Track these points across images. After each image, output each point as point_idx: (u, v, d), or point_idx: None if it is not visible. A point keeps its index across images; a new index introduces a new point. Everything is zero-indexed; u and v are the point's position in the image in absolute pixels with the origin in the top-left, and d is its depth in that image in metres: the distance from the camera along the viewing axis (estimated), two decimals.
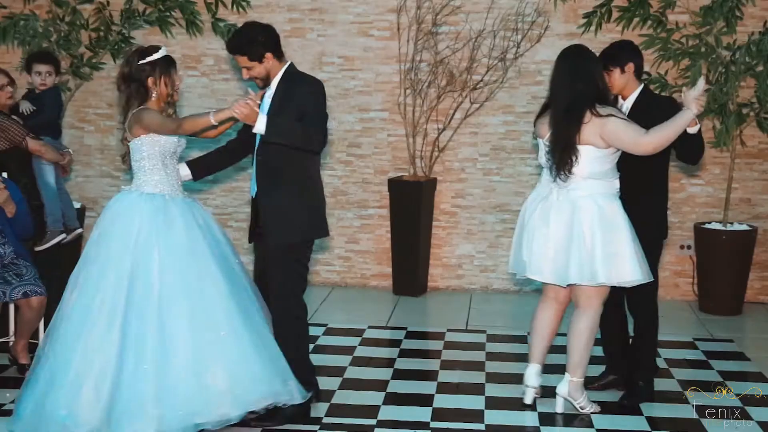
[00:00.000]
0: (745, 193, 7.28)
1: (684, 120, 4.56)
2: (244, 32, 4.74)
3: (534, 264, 4.72)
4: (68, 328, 4.29)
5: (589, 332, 4.76)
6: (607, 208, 4.62)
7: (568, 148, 4.59)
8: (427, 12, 7.27)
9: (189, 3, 7.38)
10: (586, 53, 4.77)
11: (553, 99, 4.73)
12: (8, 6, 7.45)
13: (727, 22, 6.86)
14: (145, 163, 4.53)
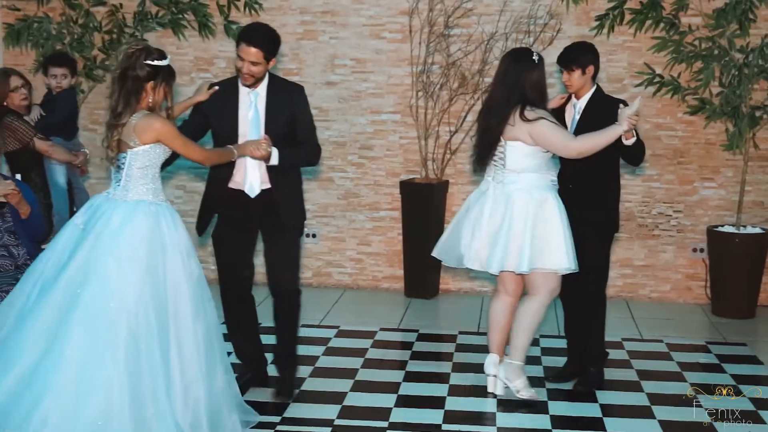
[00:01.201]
0: (758, 195, 7.26)
1: (613, 134, 4.85)
2: (267, 29, 4.80)
3: (469, 253, 4.98)
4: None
5: (531, 316, 4.98)
6: (541, 200, 4.87)
7: (486, 144, 4.93)
8: (439, 14, 7.27)
9: (201, 5, 7.40)
10: (521, 58, 4.96)
11: (485, 99, 5.09)
12: (22, 8, 7.49)
13: (740, 24, 6.84)
14: (148, 171, 4.29)
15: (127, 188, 4.28)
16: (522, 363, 5.02)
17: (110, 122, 4.29)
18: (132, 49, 4.30)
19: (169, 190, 7.74)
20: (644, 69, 7.07)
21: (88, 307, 4.01)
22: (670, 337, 6.35)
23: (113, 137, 4.28)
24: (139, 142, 4.25)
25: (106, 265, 4.08)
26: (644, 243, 7.38)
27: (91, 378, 3.92)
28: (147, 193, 4.31)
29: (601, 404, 5.02)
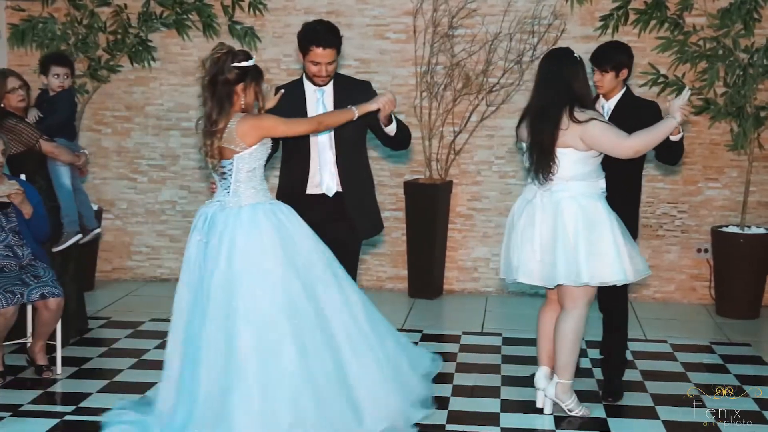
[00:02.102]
0: (762, 196, 7.25)
1: (668, 128, 4.65)
2: (329, 25, 4.78)
3: (523, 267, 4.75)
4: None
5: (574, 333, 4.76)
6: (590, 208, 4.64)
7: (543, 152, 4.64)
8: (443, 15, 7.27)
9: (206, 6, 7.41)
10: (564, 57, 4.76)
11: (530, 104, 4.80)
12: (27, 9, 7.50)
13: (745, 24, 6.84)
14: (256, 172, 4.24)
15: (238, 194, 4.23)
16: (572, 381, 4.84)
17: (207, 130, 4.20)
18: (218, 54, 4.26)
19: (173, 190, 7.76)
20: (649, 69, 7.06)
21: (248, 322, 4.04)
22: (675, 337, 6.34)
23: (213, 145, 4.19)
24: (245, 145, 4.19)
25: (250, 279, 4.09)
26: (649, 243, 7.37)
27: (276, 388, 3.99)
28: (258, 194, 4.27)
29: (605, 405, 5.02)
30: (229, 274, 4.10)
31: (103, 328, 6.39)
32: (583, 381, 5.35)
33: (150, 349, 5.89)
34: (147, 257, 7.88)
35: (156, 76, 7.69)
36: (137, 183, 7.83)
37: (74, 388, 5.18)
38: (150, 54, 7.56)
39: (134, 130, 7.79)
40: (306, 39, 4.69)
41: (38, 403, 4.97)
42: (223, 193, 4.27)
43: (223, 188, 4.27)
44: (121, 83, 7.71)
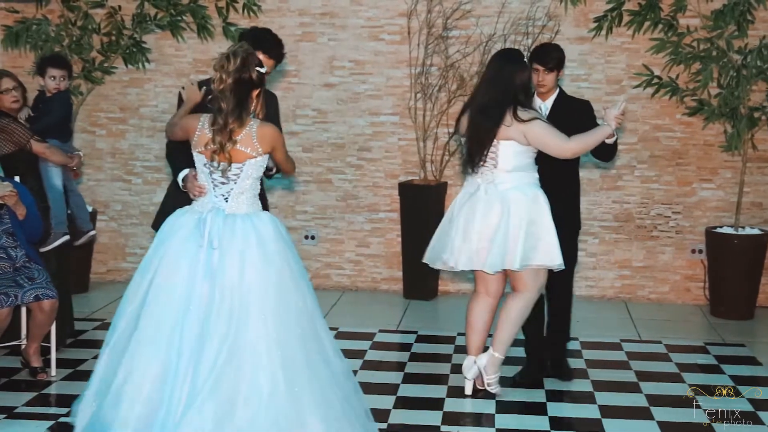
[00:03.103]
0: (756, 197, 7.26)
1: (602, 134, 4.96)
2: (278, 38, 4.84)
3: (465, 255, 4.96)
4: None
5: (519, 314, 5.04)
6: (533, 197, 4.92)
7: (479, 145, 4.92)
8: (437, 16, 7.27)
9: (200, 7, 7.40)
10: (514, 59, 5.02)
11: (473, 99, 5.06)
12: (21, 10, 7.48)
13: (739, 25, 6.85)
14: (257, 182, 4.20)
15: (239, 200, 4.16)
16: (503, 357, 5.08)
17: (224, 131, 4.06)
18: (246, 54, 4.14)
19: None
20: (643, 70, 7.08)
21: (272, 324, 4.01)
22: (669, 338, 6.35)
23: (226, 145, 4.06)
24: (261, 150, 4.13)
25: (278, 283, 4.06)
26: (643, 244, 7.38)
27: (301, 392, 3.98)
28: (256, 203, 4.23)
29: (600, 405, 5.02)
30: (251, 282, 4.03)
31: (98, 330, 6.37)
32: (580, 382, 5.37)
33: None
34: (141, 259, 7.84)
35: (150, 78, 7.69)
36: (132, 185, 7.82)
37: (69, 390, 5.16)
38: (144, 55, 7.56)
39: (129, 131, 7.78)
40: (252, 42, 4.57)
41: (33, 405, 4.95)
42: (219, 198, 4.16)
43: (219, 192, 4.16)
44: (115, 85, 7.70)
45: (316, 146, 7.56)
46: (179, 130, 4.32)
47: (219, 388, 3.89)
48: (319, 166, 7.57)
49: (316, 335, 4.13)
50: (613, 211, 7.38)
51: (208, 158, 4.14)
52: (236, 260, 4.04)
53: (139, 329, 4.04)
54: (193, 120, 4.23)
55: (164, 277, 4.08)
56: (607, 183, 7.35)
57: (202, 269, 4.04)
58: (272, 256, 4.09)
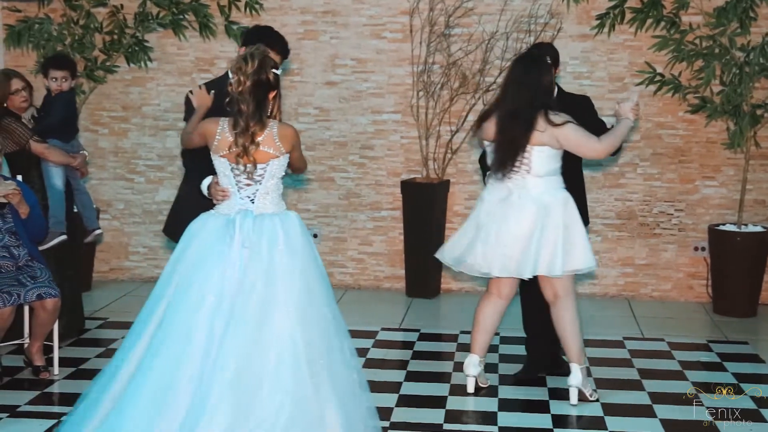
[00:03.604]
0: (759, 194, 7.26)
1: (626, 128, 4.93)
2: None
3: (498, 262, 4.88)
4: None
5: (577, 319, 5.00)
6: (566, 201, 4.89)
7: (513, 150, 4.82)
8: (439, 14, 7.27)
9: (202, 6, 7.40)
10: (540, 61, 4.95)
11: (499, 103, 4.94)
12: (23, 10, 7.49)
13: (741, 23, 6.84)
14: (280, 181, 4.24)
15: (265, 200, 4.19)
16: (587, 365, 5.04)
17: (246, 133, 4.08)
18: (263, 56, 4.17)
19: (171, 190, 7.75)
20: (645, 68, 7.07)
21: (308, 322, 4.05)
22: (672, 335, 6.35)
23: (250, 147, 4.10)
24: (283, 150, 4.17)
25: (303, 279, 4.10)
26: (646, 242, 7.37)
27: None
28: (281, 202, 4.26)
29: (603, 403, 5.02)
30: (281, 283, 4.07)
31: (101, 329, 6.39)
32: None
33: None
34: (144, 257, 7.87)
35: (153, 77, 7.69)
36: (134, 183, 7.82)
37: (72, 389, 5.17)
38: (146, 54, 7.56)
39: (131, 130, 7.79)
40: (258, 38, 4.67)
41: (36, 403, 4.97)
42: (245, 200, 4.18)
43: (245, 195, 4.18)
44: (117, 84, 7.70)
45: (318, 144, 7.56)
46: (196, 136, 4.32)
47: (243, 382, 3.90)
48: (322, 165, 7.57)
49: (336, 330, 4.17)
50: (615, 208, 7.38)
51: (231, 161, 4.16)
52: (264, 257, 4.07)
53: (163, 327, 4.04)
54: (212, 124, 4.22)
55: (189, 276, 4.10)
56: (609, 180, 7.35)
57: (230, 267, 4.07)
58: (298, 253, 4.13)
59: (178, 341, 3.97)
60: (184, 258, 4.16)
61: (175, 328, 4.00)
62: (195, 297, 4.03)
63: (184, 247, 4.20)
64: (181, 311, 4.03)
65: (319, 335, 4.07)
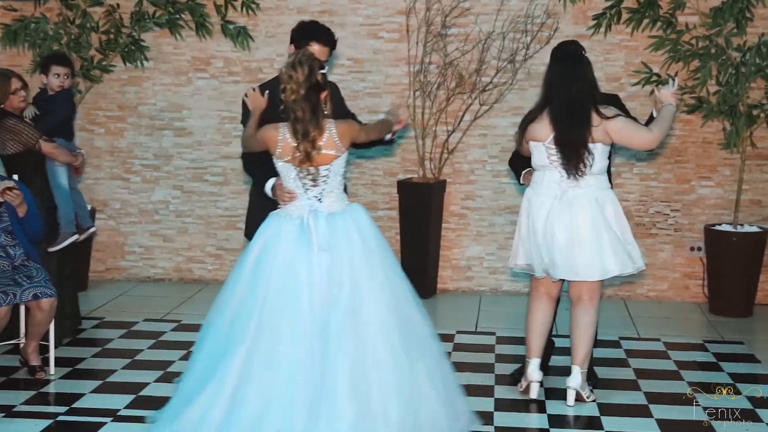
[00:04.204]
0: (755, 194, 7.26)
1: (671, 114, 4.84)
2: (331, 30, 4.90)
3: (561, 264, 4.79)
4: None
5: (594, 325, 4.99)
6: (614, 200, 4.85)
7: (578, 148, 4.71)
8: (436, 14, 7.27)
9: (198, 5, 7.39)
10: (582, 56, 4.90)
11: (550, 101, 4.83)
12: (19, 9, 7.48)
13: (737, 23, 6.85)
14: (342, 177, 4.35)
15: (331, 198, 4.30)
16: (587, 370, 5.03)
17: (306, 140, 4.17)
18: (309, 61, 4.22)
19: (167, 190, 7.75)
20: (641, 68, 7.07)
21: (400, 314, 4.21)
22: (668, 335, 6.35)
23: (313, 152, 4.19)
24: (344, 148, 4.27)
25: (383, 271, 4.26)
26: (642, 242, 7.36)
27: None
28: (345, 197, 4.38)
29: (599, 403, 5.02)
30: (368, 281, 4.20)
31: (97, 329, 6.38)
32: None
33: (143, 350, 5.88)
34: (140, 257, 7.87)
35: (149, 76, 7.68)
36: (130, 183, 7.81)
37: (67, 389, 5.17)
38: (143, 54, 7.55)
39: (127, 129, 7.78)
40: (304, 34, 4.71)
41: (31, 403, 4.95)
42: (311, 201, 4.25)
43: (311, 195, 4.26)
44: (113, 83, 7.69)
45: None
46: (256, 142, 4.37)
47: (355, 385, 4.01)
48: None
49: (417, 314, 4.33)
50: None
51: (296, 166, 4.23)
52: (345, 256, 4.18)
53: (262, 334, 4.08)
54: (272, 131, 4.26)
55: (282, 283, 4.14)
56: None
57: (317, 271, 4.14)
58: (374, 246, 4.30)
59: (289, 347, 4.05)
60: (266, 263, 4.19)
61: (281, 335, 4.07)
62: (292, 303, 4.10)
63: (262, 252, 4.23)
64: (281, 319, 4.08)
65: (407, 324, 4.22)
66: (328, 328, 4.07)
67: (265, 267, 4.18)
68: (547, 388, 5.24)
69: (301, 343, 4.05)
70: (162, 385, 5.22)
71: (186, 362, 5.52)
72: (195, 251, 7.73)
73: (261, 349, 4.07)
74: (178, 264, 7.83)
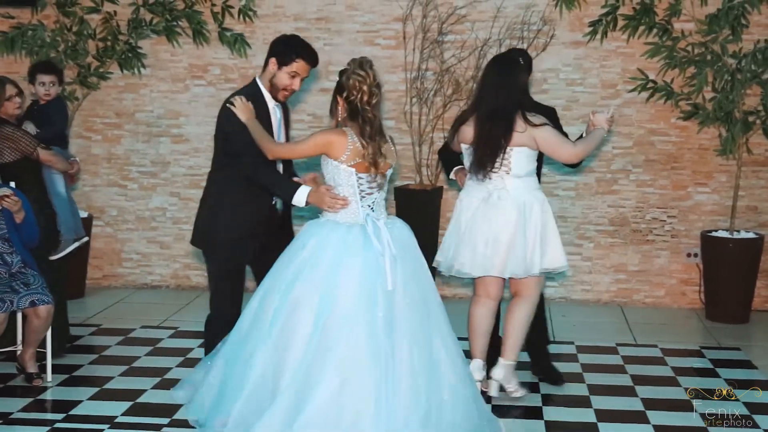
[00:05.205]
0: (751, 200, 7.28)
1: (599, 137, 5.01)
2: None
3: (479, 263, 4.96)
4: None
5: (527, 319, 5.08)
6: (543, 201, 4.97)
7: (493, 150, 4.88)
8: (432, 21, 7.28)
9: (196, 13, 7.40)
10: (515, 61, 5.07)
11: (477, 105, 5.00)
12: (16, 16, 7.49)
13: (733, 30, 6.87)
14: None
15: (381, 207, 4.39)
16: (515, 362, 5.11)
17: (375, 143, 4.28)
18: (372, 66, 4.39)
19: (164, 197, 7.76)
20: (637, 75, 7.09)
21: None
22: (665, 342, 6.36)
23: (380, 161, 4.31)
24: (396, 158, 4.45)
25: (429, 278, 4.48)
26: (638, 248, 7.39)
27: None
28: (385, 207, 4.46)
29: (596, 409, 5.03)
30: (418, 283, 4.37)
31: (94, 336, 6.38)
32: (576, 386, 5.37)
33: (141, 357, 5.87)
34: (138, 264, 7.86)
35: (146, 83, 7.69)
36: (127, 190, 7.81)
37: (64, 396, 5.17)
38: (140, 61, 7.56)
39: (124, 136, 7.78)
40: (292, 50, 4.67)
41: (28, 410, 4.95)
42: (364, 209, 4.30)
43: (366, 203, 4.31)
44: (110, 90, 7.70)
45: None
46: (308, 147, 4.41)
47: (429, 386, 4.18)
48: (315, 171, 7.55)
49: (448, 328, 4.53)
50: (608, 215, 7.39)
51: (360, 171, 4.28)
52: (408, 263, 4.33)
53: (338, 342, 4.09)
54: (339, 136, 4.30)
55: (357, 291, 4.17)
56: (602, 187, 7.37)
57: (384, 276, 4.21)
58: (418, 254, 4.42)
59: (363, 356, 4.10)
60: (334, 273, 4.19)
61: (359, 346, 4.10)
62: (370, 310, 4.15)
63: (334, 261, 4.22)
64: (359, 324, 4.12)
65: (448, 328, 4.46)
66: (396, 334, 4.17)
67: (331, 277, 4.17)
68: (544, 394, 5.25)
69: (380, 352, 4.10)
70: (159, 392, 5.22)
71: (183, 369, 5.55)
72: (192, 258, 7.73)
73: (337, 358, 4.08)
74: (175, 271, 7.82)
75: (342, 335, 4.09)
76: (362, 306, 4.14)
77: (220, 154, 4.69)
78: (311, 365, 4.08)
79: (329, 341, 4.09)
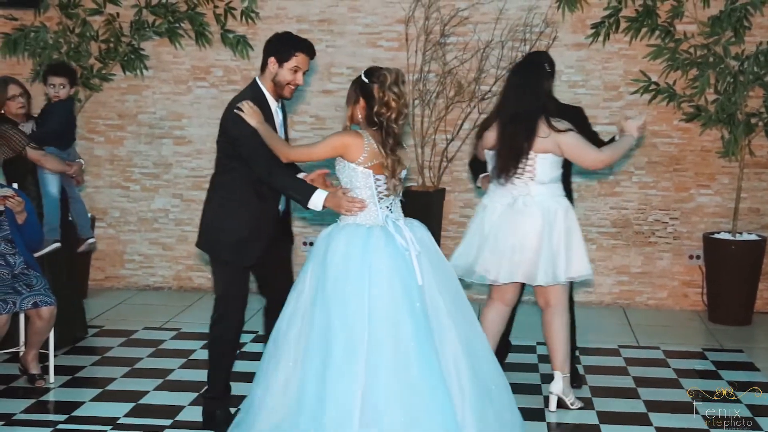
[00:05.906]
0: (753, 202, 7.28)
1: (629, 144, 4.95)
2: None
3: (505, 269, 4.88)
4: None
5: (565, 327, 5.02)
6: (567, 208, 4.90)
7: (516, 155, 4.81)
8: (435, 23, 7.29)
9: (198, 14, 7.41)
10: (541, 64, 4.99)
11: (500, 109, 4.94)
12: (19, 18, 7.50)
13: (735, 31, 6.87)
14: None
15: (398, 208, 4.37)
16: (569, 375, 5.06)
17: (397, 149, 4.30)
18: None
19: (166, 198, 7.76)
20: (640, 77, 7.09)
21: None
22: (667, 344, 6.35)
23: (397, 164, 4.31)
24: (408, 162, 4.44)
25: (454, 277, 4.42)
26: (641, 250, 7.39)
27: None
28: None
29: (598, 411, 5.03)
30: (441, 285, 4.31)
31: (96, 337, 6.38)
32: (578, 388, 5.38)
33: (143, 358, 5.88)
34: (140, 266, 7.87)
35: (148, 85, 7.69)
36: (130, 191, 7.82)
37: (67, 397, 5.17)
38: (142, 62, 7.57)
39: (127, 138, 7.79)
40: (290, 45, 4.62)
41: (31, 412, 4.96)
42: (382, 211, 4.28)
43: (384, 205, 4.29)
44: (113, 92, 7.71)
45: None
46: (324, 149, 4.40)
47: (476, 385, 4.19)
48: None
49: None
50: (610, 217, 7.39)
51: (377, 173, 4.27)
52: (433, 260, 4.28)
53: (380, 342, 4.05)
54: (355, 137, 4.29)
55: (389, 291, 4.12)
56: (604, 189, 7.37)
57: (418, 275, 4.19)
58: (440, 254, 4.38)
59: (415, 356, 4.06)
60: (363, 275, 4.14)
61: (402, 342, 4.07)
62: (406, 306, 4.10)
63: (362, 263, 4.17)
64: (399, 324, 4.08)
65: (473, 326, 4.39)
66: (432, 333, 4.13)
67: (362, 281, 4.12)
68: (546, 396, 5.24)
69: (425, 345, 4.06)
70: (161, 393, 5.22)
71: (185, 371, 5.56)
72: (195, 259, 7.73)
73: (383, 358, 4.03)
74: (177, 272, 7.83)
75: (387, 350, 4.05)
76: (402, 304, 4.10)
77: (223, 158, 4.66)
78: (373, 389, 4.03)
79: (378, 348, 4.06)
